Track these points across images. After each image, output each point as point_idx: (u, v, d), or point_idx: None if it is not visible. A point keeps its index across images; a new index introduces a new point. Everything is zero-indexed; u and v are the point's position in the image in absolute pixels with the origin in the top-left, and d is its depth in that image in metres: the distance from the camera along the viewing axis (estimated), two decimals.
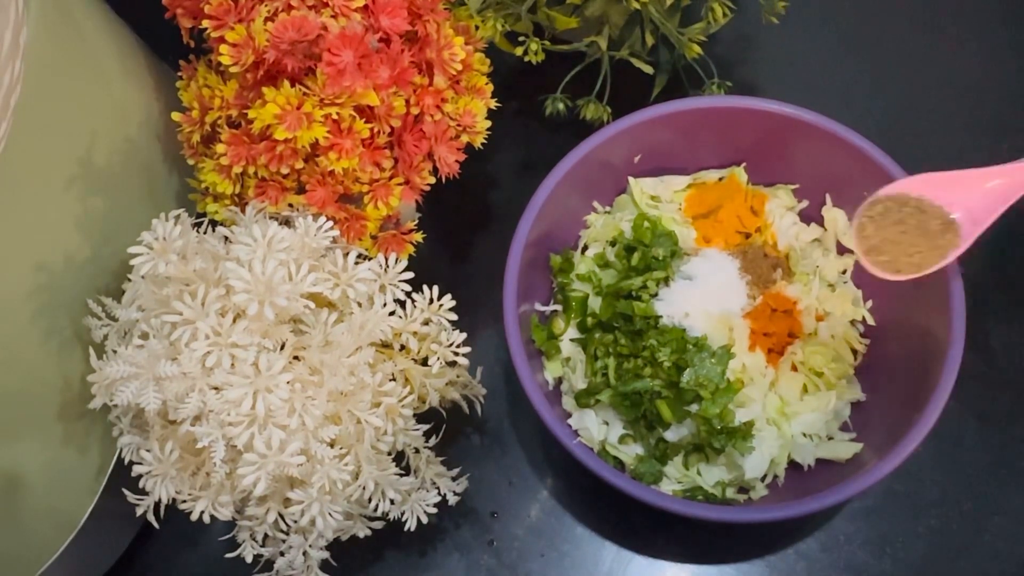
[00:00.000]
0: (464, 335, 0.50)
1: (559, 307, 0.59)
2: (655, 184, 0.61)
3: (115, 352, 0.46)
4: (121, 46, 0.53)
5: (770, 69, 0.70)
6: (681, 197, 0.60)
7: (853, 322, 0.58)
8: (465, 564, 0.58)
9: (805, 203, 0.60)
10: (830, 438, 0.55)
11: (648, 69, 0.62)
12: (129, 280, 0.48)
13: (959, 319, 0.50)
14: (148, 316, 0.46)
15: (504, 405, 0.61)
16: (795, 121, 0.56)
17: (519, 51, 0.59)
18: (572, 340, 0.58)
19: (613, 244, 0.60)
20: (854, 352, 0.57)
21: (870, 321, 0.58)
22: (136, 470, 0.46)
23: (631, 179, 0.60)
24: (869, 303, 0.58)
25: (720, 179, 0.61)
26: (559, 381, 0.58)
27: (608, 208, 0.61)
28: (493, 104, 0.54)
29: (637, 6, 0.55)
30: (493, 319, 0.63)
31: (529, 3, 0.58)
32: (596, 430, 0.55)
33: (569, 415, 0.56)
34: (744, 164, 0.60)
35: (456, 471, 0.54)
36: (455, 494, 0.53)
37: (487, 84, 0.54)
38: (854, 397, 0.56)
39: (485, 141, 0.54)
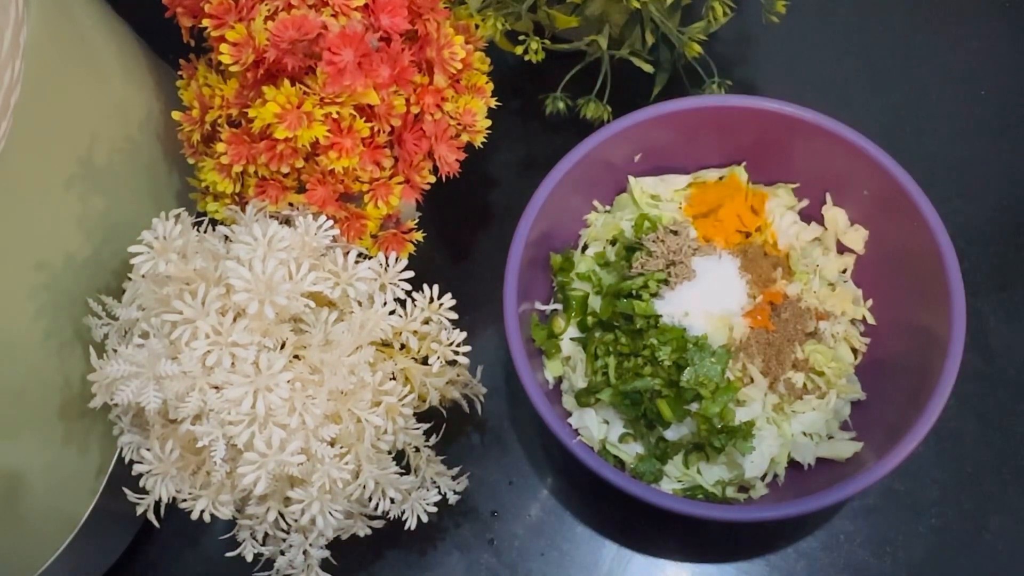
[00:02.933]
0: (464, 334, 0.50)
1: (559, 306, 0.59)
2: (655, 183, 0.61)
3: (115, 351, 0.46)
4: (121, 45, 0.53)
5: (770, 68, 0.70)
6: (681, 196, 0.60)
7: (853, 321, 0.58)
8: (465, 563, 0.58)
9: (805, 202, 0.60)
10: (830, 437, 0.55)
11: (648, 68, 0.62)
12: (129, 279, 0.48)
13: (959, 318, 0.50)
14: (148, 315, 0.46)
15: (504, 404, 0.61)
16: (795, 120, 0.56)
17: (519, 50, 0.59)
18: (572, 339, 0.58)
19: (613, 243, 0.60)
20: (854, 351, 0.57)
21: (870, 320, 0.58)
22: (136, 469, 0.46)
23: (631, 178, 0.60)
24: (869, 302, 0.58)
25: (720, 178, 0.61)
26: (559, 380, 0.58)
27: (608, 207, 0.61)
28: (493, 103, 0.54)
29: (637, 5, 0.55)
30: (493, 318, 0.63)
31: (529, 2, 0.58)
32: (596, 429, 0.55)
33: (569, 414, 0.56)
34: (744, 163, 0.60)
35: (456, 470, 0.54)
36: (455, 493, 0.53)
37: (487, 83, 0.54)
38: (854, 396, 0.56)
39: (485, 140, 0.54)
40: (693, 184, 0.61)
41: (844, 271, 0.59)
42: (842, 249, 0.60)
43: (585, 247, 0.61)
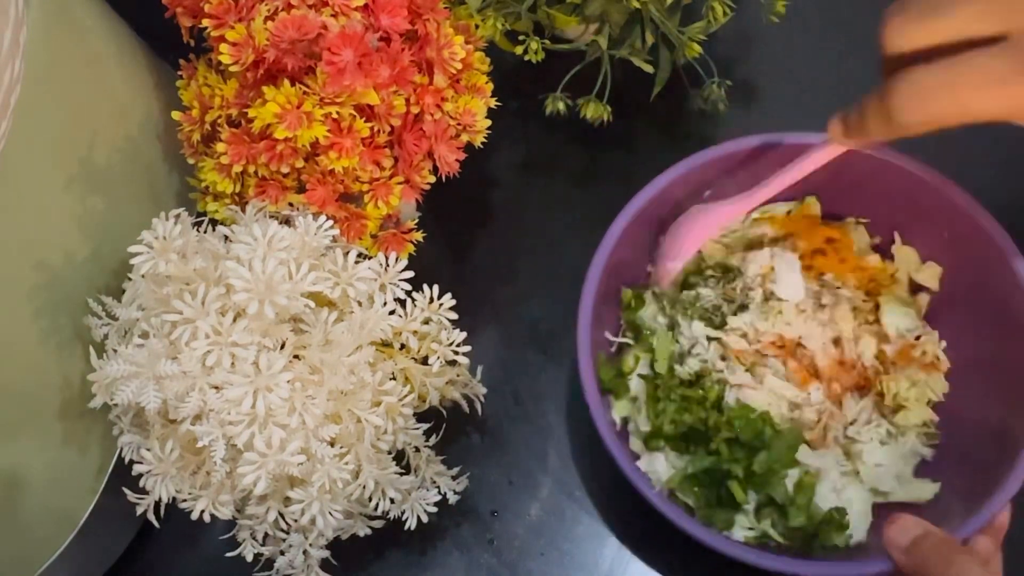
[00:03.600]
0: (464, 334, 0.50)
1: (629, 340, 0.57)
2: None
3: (115, 351, 0.46)
4: (121, 45, 0.53)
5: (770, 68, 0.70)
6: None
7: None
8: (465, 563, 0.58)
9: (877, 239, 0.59)
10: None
11: (648, 68, 0.62)
12: (129, 279, 0.48)
13: None
14: (148, 315, 0.46)
15: (504, 404, 0.61)
16: (881, 163, 0.54)
17: (519, 50, 0.59)
18: (640, 376, 0.56)
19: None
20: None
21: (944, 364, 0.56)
22: (136, 469, 0.46)
23: None
24: (943, 344, 0.56)
25: (788, 212, 0.59)
26: (625, 421, 0.56)
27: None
28: (493, 103, 0.54)
29: (637, 5, 0.55)
30: (493, 318, 0.63)
31: (529, 2, 0.58)
32: (664, 473, 0.54)
33: (637, 456, 0.55)
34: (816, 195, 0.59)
35: (456, 470, 0.54)
36: (455, 493, 0.53)
37: (487, 83, 0.54)
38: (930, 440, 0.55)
39: (485, 140, 0.54)
40: (763, 218, 0.59)
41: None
42: (916, 288, 0.58)
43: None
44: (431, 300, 0.49)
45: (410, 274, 0.48)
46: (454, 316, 0.50)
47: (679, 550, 0.58)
